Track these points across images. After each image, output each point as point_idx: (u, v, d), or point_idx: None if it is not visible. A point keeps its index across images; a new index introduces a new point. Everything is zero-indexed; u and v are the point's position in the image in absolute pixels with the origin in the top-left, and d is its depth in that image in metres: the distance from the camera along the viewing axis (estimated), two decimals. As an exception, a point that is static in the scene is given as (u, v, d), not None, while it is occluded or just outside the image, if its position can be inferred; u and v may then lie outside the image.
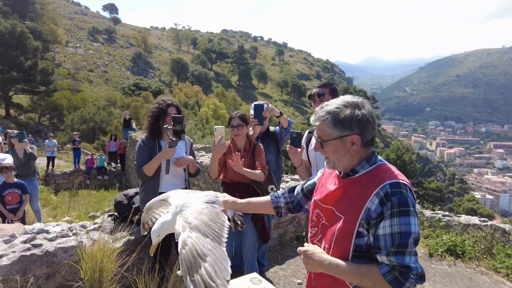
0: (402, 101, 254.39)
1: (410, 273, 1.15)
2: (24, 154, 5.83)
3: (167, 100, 2.79)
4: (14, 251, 2.24)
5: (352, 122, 1.25)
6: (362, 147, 1.29)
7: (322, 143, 1.31)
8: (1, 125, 22.36)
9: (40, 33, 45.91)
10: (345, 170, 1.32)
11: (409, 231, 1.16)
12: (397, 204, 1.17)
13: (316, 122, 1.32)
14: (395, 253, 1.16)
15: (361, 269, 1.21)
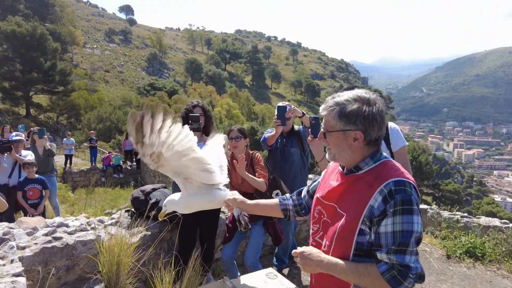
0: (418, 101, 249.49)
1: (409, 273, 1.14)
2: (43, 151, 6.00)
3: (193, 102, 3.01)
4: (36, 243, 2.30)
5: (358, 118, 1.22)
6: (365, 145, 1.26)
7: (326, 133, 1.30)
8: (22, 124, 23.05)
9: (59, 35, 47.13)
10: (348, 167, 1.31)
11: (412, 230, 1.14)
12: (401, 202, 1.16)
13: (324, 112, 1.30)
14: (395, 252, 1.15)
15: (360, 268, 1.20)
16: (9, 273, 1.94)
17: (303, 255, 1.28)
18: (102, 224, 2.83)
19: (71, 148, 13.13)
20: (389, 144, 2.50)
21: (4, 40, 28.83)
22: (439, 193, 37.60)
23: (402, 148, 2.48)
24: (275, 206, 1.66)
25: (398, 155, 2.48)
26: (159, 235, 2.78)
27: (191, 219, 2.74)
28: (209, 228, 2.92)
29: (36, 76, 29.45)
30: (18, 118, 28.62)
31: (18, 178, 4.96)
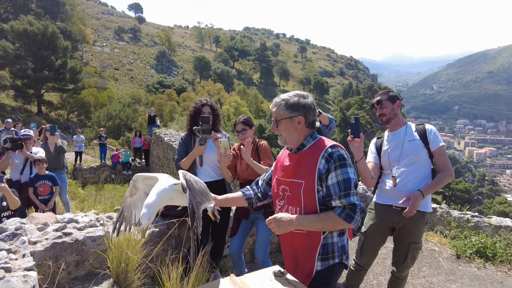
0: (429, 99, 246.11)
1: (356, 209, 1.54)
2: (55, 148, 6.09)
3: (202, 100, 3.05)
4: (47, 238, 2.34)
5: (299, 106, 1.66)
6: (306, 127, 1.69)
7: (277, 122, 1.70)
8: (33, 121, 23.43)
9: (70, 33, 47.71)
10: (295, 146, 1.71)
11: (349, 177, 1.57)
12: (337, 159, 1.58)
13: (274, 108, 1.71)
14: (344, 196, 1.55)
15: (321, 216, 1.58)
16: (21, 267, 1.97)
17: (276, 219, 1.64)
18: (111, 220, 2.86)
19: (81, 145, 13.32)
20: (427, 144, 2.53)
21: (17, 38, 29.28)
22: (450, 192, 37.11)
23: (440, 148, 2.52)
24: (240, 197, 2.00)
25: (437, 155, 2.53)
26: (167, 232, 2.81)
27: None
28: (221, 224, 2.94)
29: (47, 74, 29.84)
30: (30, 115, 29.10)
31: (30, 175, 5.05)
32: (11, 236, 2.27)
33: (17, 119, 22.64)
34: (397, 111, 2.61)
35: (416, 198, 2.37)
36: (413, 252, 2.55)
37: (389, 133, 2.69)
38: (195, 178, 1.83)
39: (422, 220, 2.52)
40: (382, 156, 2.68)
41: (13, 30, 29.11)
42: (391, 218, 2.56)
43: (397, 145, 2.59)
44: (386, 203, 2.59)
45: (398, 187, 2.52)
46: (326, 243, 1.65)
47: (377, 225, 2.64)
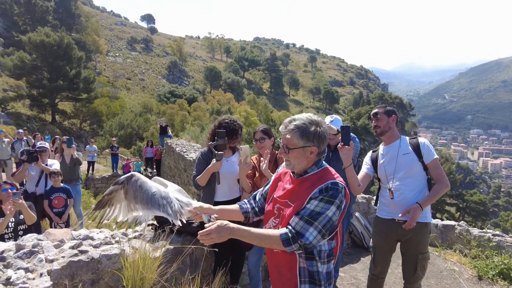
0: (441, 109, 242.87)
1: (299, 239, 1.52)
2: (70, 160, 6.16)
3: (225, 118, 3.07)
4: (63, 256, 2.33)
5: (315, 136, 1.62)
6: (315, 156, 1.67)
7: (289, 150, 1.65)
8: (47, 130, 23.88)
9: (84, 44, 48.86)
10: (299, 172, 1.70)
11: (326, 214, 1.53)
12: (330, 195, 1.56)
13: (287, 134, 1.65)
14: (306, 221, 1.54)
15: (263, 232, 1.59)
16: (38, 287, 1.97)
17: (218, 227, 1.57)
18: (126, 237, 2.85)
19: (93, 155, 13.47)
20: (421, 158, 2.64)
21: (34, 49, 30.07)
22: (464, 203, 36.22)
23: (434, 161, 2.62)
24: (237, 210, 1.96)
25: (431, 167, 2.63)
26: (182, 250, 2.77)
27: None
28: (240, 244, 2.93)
29: (61, 84, 30.47)
30: (44, 124, 29.69)
31: (45, 187, 5.10)
32: (29, 254, 2.27)
33: (32, 127, 23.11)
34: (392, 125, 2.72)
35: (415, 211, 2.48)
36: (422, 263, 2.62)
37: (384, 147, 2.80)
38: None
39: (425, 230, 2.62)
40: (378, 169, 2.80)
41: (30, 41, 29.95)
42: (395, 231, 2.66)
43: (392, 159, 2.70)
44: (388, 217, 2.71)
45: (395, 200, 2.65)
46: (312, 270, 1.63)
47: (384, 239, 2.76)
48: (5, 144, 8.65)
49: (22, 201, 3.35)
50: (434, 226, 4.96)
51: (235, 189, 3.03)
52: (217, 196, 2.95)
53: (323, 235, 1.54)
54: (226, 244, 2.84)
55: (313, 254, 1.61)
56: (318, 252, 1.62)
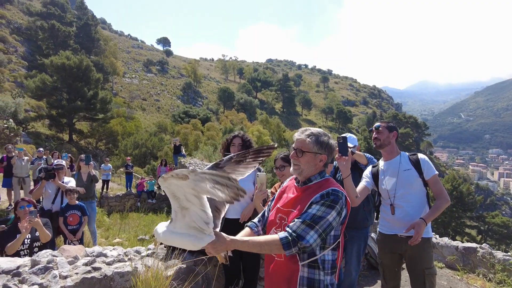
0: (457, 128, 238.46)
1: (299, 242, 1.53)
2: (87, 178, 6.25)
3: (235, 132, 3.08)
4: (77, 273, 2.33)
5: (327, 146, 1.73)
6: (322, 166, 1.76)
7: (302, 153, 1.73)
8: (64, 149, 24.46)
9: (102, 66, 50.61)
10: (303, 179, 1.77)
11: (327, 217, 1.57)
12: (330, 200, 1.61)
13: (302, 136, 1.75)
14: (307, 224, 1.56)
15: (261, 240, 1.61)
16: (51, 304, 1.96)
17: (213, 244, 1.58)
18: (139, 255, 2.84)
19: (108, 173, 13.65)
20: (421, 174, 2.67)
21: (55, 72, 31.28)
22: (485, 226, 34.86)
23: (433, 177, 2.66)
24: (250, 233, 1.95)
25: (431, 183, 2.67)
26: (194, 269, 2.74)
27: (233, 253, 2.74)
28: (252, 261, 2.88)
29: (79, 104, 31.41)
30: (61, 143, 30.44)
31: (61, 204, 5.18)
32: (43, 270, 2.28)
33: (50, 146, 23.71)
34: (391, 140, 2.78)
35: (420, 226, 2.47)
36: (430, 279, 2.59)
37: (384, 162, 2.84)
38: None
39: (428, 245, 2.65)
40: (380, 184, 2.84)
41: (52, 64, 31.23)
42: (399, 247, 2.69)
43: (393, 175, 2.74)
44: (390, 233, 2.75)
45: (396, 216, 2.68)
46: (313, 278, 1.64)
47: (388, 254, 2.80)
48: (25, 162, 8.88)
49: (38, 219, 3.39)
50: (455, 248, 4.77)
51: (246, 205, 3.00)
52: (228, 213, 2.90)
53: (322, 239, 1.58)
54: (236, 262, 2.81)
55: (316, 263, 1.64)
56: (322, 262, 1.65)
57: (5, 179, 8.88)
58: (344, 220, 1.68)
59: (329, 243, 1.66)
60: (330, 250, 1.66)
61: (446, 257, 4.81)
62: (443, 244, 4.93)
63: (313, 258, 1.64)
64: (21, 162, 8.75)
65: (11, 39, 52.05)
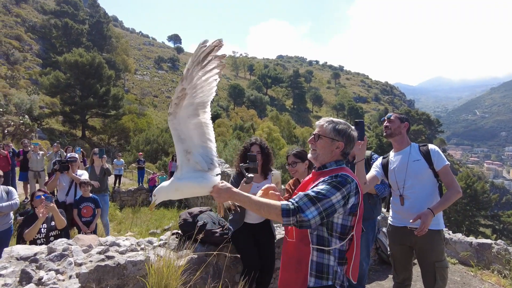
0: (471, 125, 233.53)
1: (298, 214, 1.52)
2: (100, 171, 6.36)
3: (252, 139, 3.07)
4: (91, 261, 2.38)
5: (345, 134, 1.75)
6: (340, 154, 1.77)
7: (319, 137, 1.77)
8: (77, 144, 24.90)
9: (114, 63, 51.22)
10: (319, 165, 1.80)
11: (328, 196, 1.56)
12: (336, 180, 1.61)
13: (321, 122, 1.81)
14: (310, 198, 1.55)
15: (263, 201, 1.61)
16: (67, 289, 2.01)
17: (218, 187, 1.68)
18: (151, 245, 2.87)
19: (120, 168, 13.85)
20: (431, 165, 2.64)
21: (68, 69, 31.82)
22: (500, 225, 34.18)
23: (444, 167, 2.62)
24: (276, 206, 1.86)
25: (442, 174, 2.63)
26: (205, 259, 2.76)
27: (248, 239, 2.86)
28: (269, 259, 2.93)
29: (92, 101, 31.90)
30: (75, 139, 30.96)
31: (74, 196, 5.28)
32: (59, 257, 2.33)
33: (64, 142, 24.16)
34: (402, 131, 2.77)
35: (427, 216, 2.41)
36: (441, 272, 2.56)
37: (395, 153, 2.84)
38: None
39: (439, 237, 2.61)
40: (389, 176, 2.83)
41: (65, 61, 31.77)
42: (408, 239, 2.67)
43: (402, 165, 2.72)
44: (400, 225, 2.73)
45: (406, 207, 2.67)
46: (322, 262, 1.65)
47: (399, 247, 2.80)
48: (40, 156, 9.07)
49: (54, 205, 3.48)
50: (468, 244, 4.70)
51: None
52: (247, 218, 2.96)
53: (322, 218, 1.55)
54: (254, 252, 2.83)
55: (326, 247, 1.65)
56: (328, 246, 1.65)
57: (22, 173, 9.10)
58: (354, 210, 1.65)
59: (335, 230, 1.65)
60: (337, 239, 1.64)
61: (459, 253, 4.74)
62: (456, 240, 4.86)
63: (321, 243, 1.65)
64: (36, 157, 8.95)
65: (26, 37, 53.05)
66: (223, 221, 3.22)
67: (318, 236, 1.66)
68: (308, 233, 1.67)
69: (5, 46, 44.18)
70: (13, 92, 30.04)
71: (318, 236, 1.66)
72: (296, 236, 1.73)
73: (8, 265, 2.18)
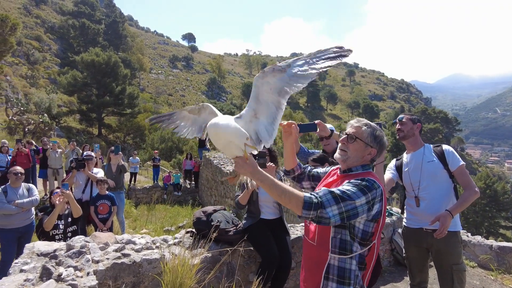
0: (492, 123, 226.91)
1: (320, 209, 1.46)
2: (116, 168, 6.47)
3: None
4: (108, 258, 2.43)
5: (380, 142, 1.70)
6: (369, 160, 1.71)
7: (354, 139, 1.68)
8: (94, 143, 25.40)
9: (129, 62, 51.99)
10: (345, 167, 1.74)
11: (355, 200, 1.49)
12: (364, 185, 1.54)
13: (358, 123, 1.72)
14: (334, 196, 1.49)
15: (285, 187, 1.52)
16: (86, 285, 2.05)
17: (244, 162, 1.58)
18: (166, 243, 2.90)
19: (136, 166, 14.06)
20: (446, 165, 2.61)
21: (85, 68, 32.48)
22: (522, 228, 33.15)
23: (460, 167, 2.59)
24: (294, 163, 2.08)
25: (457, 174, 2.59)
26: (219, 258, 2.77)
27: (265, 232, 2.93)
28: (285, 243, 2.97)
29: (108, 100, 32.49)
30: (91, 137, 31.62)
31: (90, 194, 5.39)
32: (77, 254, 2.38)
33: (81, 140, 24.70)
34: (415, 132, 2.75)
35: (446, 218, 2.39)
36: (458, 275, 2.51)
37: (408, 155, 2.82)
38: None
39: (456, 239, 2.56)
40: (403, 177, 2.81)
41: (82, 61, 32.43)
42: (425, 241, 2.63)
43: (416, 167, 2.70)
44: (416, 227, 2.69)
45: (421, 208, 2.63)
46: (344, 267, 1.60)
47: (415, 248, 2.74)
48: (58, 154, 9.31)
49: (69, 192, 3.56)
50: (488, 248, 4.57)
51: (276, 212, 3.15)
52: (263, 214, 3.08)
53: (342, 219, 1.48)
54: (272, 245, 2.84)
55: (346, 251, 1.60)
56: (350, 251, 1.60)
57: (41, 170, 9.37)
58: (377, 217, 1.59)
59: (356, 235, 1.60)
60: (358, 244, 1.60)
61: (479, 256, 4.62)
62: (475, 243, 4.73)
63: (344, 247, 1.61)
64: (55, 154, 9.18)
65: (45, 38, 54.46)
66: (236, 220, 3.23)
67: (341, 240, 1.61)
68: (329, 238, 1.63)
69: (25, 46, 45.47)
70: (33, 91, 30.85)
71: (341, 240, 1.61)
72: (318, 241, 1.69)
73: (30, 261, 2.24)
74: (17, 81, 31.83)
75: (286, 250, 2.92)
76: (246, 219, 3.11)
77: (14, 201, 4.16)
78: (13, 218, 4.15)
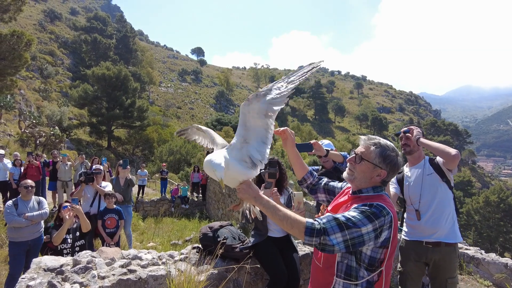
0: (504, 135, 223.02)
1: (322, 236, 1.41)
2: (124, 182, 6.51)
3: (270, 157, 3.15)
4: (113, 274, 2.41)
5: (390, 162, 1.58)
6: (379, 182, 1.61)
7: (360, 159, 1.61)
8: (103, 155, 25.68)
9: (139, 76, 52.90)
10: (354, 188, 1.67)
11: (360, 228, 1.42)
12: (372, 212, 1.46)
13: (367, 142, 1.63)
14: (339, 223, 1.42)
15: (287, 212, 1.48)
16: (90, 303, 2.03)
17: (247, 183, 1.59)
18: (172, 259, 2.88)
19: (144, 179, 14.13)
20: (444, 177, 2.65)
21: (96, 82, 33.18)
22: (536, 242, 32.13)
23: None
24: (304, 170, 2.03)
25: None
26: (226, 275, 2.74)
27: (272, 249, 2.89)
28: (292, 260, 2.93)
29: (118, 113, 33.00)
30: (101, 149, 31.98)
31: (98, 208, 5.42)
32: (84, 269, 2.38)
33: (90, 153, 25.01)
34: (420, 146, 2.73)
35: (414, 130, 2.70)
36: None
37: (409, 168, 2.81)
38: None
39: (454, 254, 2.58)
40: (404, 191, 2.81)
41: (93, 74, 33.17)
42: (424, 255, 2.61)
43: (417, 180, 2.70)
44: (415, 239, 2.67)
45: (422, 221, 2.62)
46: None
47: (414, 262, 2.69)
48: (68, 167, 9.42)
49: (79, 207, 3.58)
50: (504, 266, 4.43)
51: (283, 230, 3.05)
52: (270, 232, 3.02)
53: (347, 247, 1.42)
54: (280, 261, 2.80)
55: (351, 277, 1.55)
56: (356, 278, 1.55)
57: (51, 182, 9.49)
58: (385, 243, 1.52)
59: (363, 260, 1.54)
60: (365, 270, 1.54)
61: (493, 274, 4.47)
62: (489, 261, 4.59)
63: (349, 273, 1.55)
64: (64, 167, 9.30)
65: (58, 53, 55.95)
66: (243, 236, 3.21)
67: (347, 266, 1.56)
68: (335, 262, 1.58)
69: (39, 61, 46.73)
70: (45, 104, 31.54)
71: (347, 265, 1.56)
72: (324, 263, 1.64)
73: (36, 276, 2.25)
74: (30, 94, 32.58)
75: (294, 268, 2.88)
76: (254, 236, 3.07)
77: (24, 214, 4.20)
78: (23, 231, 4.19)
